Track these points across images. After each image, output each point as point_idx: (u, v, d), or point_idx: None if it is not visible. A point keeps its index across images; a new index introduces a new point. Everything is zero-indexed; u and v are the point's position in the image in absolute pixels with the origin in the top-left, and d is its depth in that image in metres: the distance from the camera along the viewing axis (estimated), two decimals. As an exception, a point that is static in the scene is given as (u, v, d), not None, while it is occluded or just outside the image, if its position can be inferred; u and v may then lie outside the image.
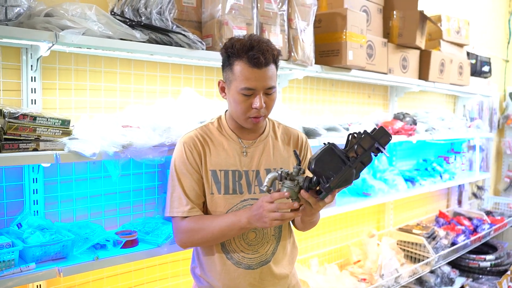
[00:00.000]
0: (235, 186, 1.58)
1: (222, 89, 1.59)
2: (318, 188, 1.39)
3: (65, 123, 1.61)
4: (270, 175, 1.42)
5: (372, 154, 1.37)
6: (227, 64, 1.53)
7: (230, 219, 1.50)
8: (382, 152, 1.36)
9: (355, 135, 1.37)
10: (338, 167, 1.33)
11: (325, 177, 1.33)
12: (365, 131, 1.37)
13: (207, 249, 1.62)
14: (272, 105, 1.57)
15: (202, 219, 1.55)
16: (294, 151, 1.46)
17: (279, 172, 1.41)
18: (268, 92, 1.51)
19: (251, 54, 1.45)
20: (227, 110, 1.66)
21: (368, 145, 1.35)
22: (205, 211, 1.61)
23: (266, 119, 1.70)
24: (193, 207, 1.56)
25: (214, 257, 1.61)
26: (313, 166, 1.33)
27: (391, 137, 1.39)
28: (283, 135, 1.70)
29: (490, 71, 4.56)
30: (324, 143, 1.36)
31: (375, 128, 1.39)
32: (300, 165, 1.42)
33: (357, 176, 1.37)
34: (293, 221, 1.73)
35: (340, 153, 1.35)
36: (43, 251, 1.60)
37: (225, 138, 1.61)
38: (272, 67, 1.51)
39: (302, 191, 1.37)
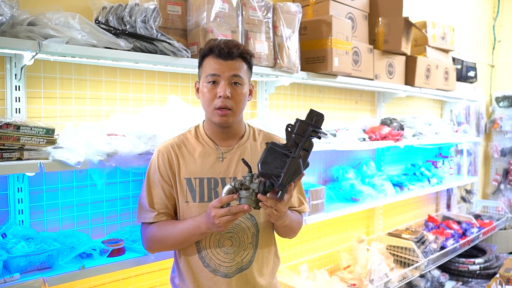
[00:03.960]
0: (211, 194, 1.58)
1: (197, 90, 1.62)
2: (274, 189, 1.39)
3: (50, 132, 1.60)
4: (225, 189, 1.41)
5: (313, 138, 1.37)
6: (200, 63, 1.59)
7: (190, 225, 1.51)
8: (319, 132, 1.36)
9: (289, 127, 1.38)
10: (283, 162, 1.33)
11: (274, 176, 1.33)
12: (297, 119, 1.37)
13: (185, 257, 1.62)
14: (241, 100, 1.56)
15: (166, 225, 1.57)
16: (243, 159, 1.44)
17: (233, 184, 1.40)
18: (235, 80, 1.53)
19: (216, 46, 1.52)
20: (204, 121, 1.67)
21: (304, 131, 1.35)
22: (180, 218, 1.60)
23: (247, 126, 1.70)
24: (158, 214, 1.58)
25: (192, 265, 1.61)
26: (260, 170, 1.33)
27: (323, 116, 1.39)
28: (264, 140, 1.70)
29: (476, 76, 4.62)
30: (266, 143, 1.37)
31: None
32: (251, 172, 1.41)
33: (306, 164, 1.37)
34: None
35: (282, 148, 1.35)
36: (28, 261, 1.59)
37: (201, 146, 1.62)
38: (239, 62, 1.54)
39: (259, 196, 1.36)
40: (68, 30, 1.63)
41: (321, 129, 1.37)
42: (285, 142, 1.41)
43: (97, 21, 1.83)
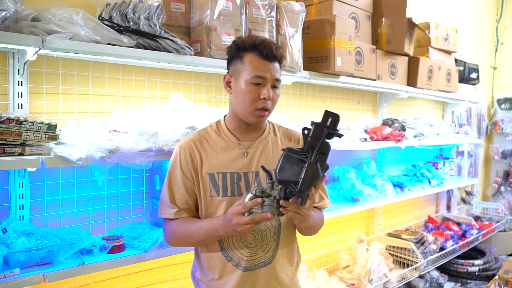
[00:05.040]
0: (234, 188, 1.57)
1: (228, 84, 1.60)
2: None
3: (52, 127, 1.60)
4: (247, 198, 1.39)
5: (329, 140, 1.35)
6: (236, 56, 1.56)
7: (208, 226, 1.50)
8: (335, 134, 1.34)
9: (305, 131, 1.35)
10: (300, 168, 1.31)
11: (292, 183, 1.31)
12: (312, 122, 1.35)
13: (207, 251, 1.62)
14: (276, 101, 1.59)
15: (185, 222, 1.56)
16: (262, 166, 1.44)
17: (254, 193, 1.39)
18: (275, 84, 1.55)
19: (261, 46, 1.51)
20: (225, 115, 1.67)
21: (320, 134, 1.33)
22: (203, 214, 1.59)
23: (266, 121, 1.70)
24: (179, 210, 1.58)
25: (214, 259, 1.60)
26: (277, 177, 1.32)
27: (339, 116, 1.36)
28: (283, 136, 1.70)
29: (478, 78, 4.61)
30: (283, 149, 1.35)
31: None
32: (271, 179, 1.40)
33: (325, 167, 1.36)
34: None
35: (298, 154, 1.33)
36: (28, 257, 1.59)
37: (223, 141, 1.61)
38: (278, 64, 1.56)
39: (282, 202, 1.36)
40: (71, 26, 1.63)
41: (337, 130, 1.34)
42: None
43: (100, 18, 1.83)
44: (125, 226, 2.09)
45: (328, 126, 1.33)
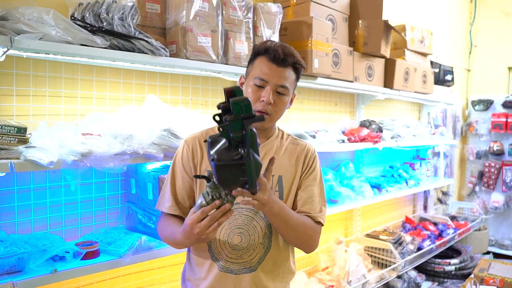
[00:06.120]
0: None
1: (241, 85, 1.61)
2: None
3: (21, 130, 1.55)
4: (197, 206, 1.33)
5: (250, 126, 1.24)
6: (251, 59, 1.58)
7: (179, 235, 1.42)
8: (256, 119, 1.21)
9: (221, 129, 1.23)
10: (240, 170, 1.21)
11: (240, 185, 1.26)
12: (225, 119, 1.22)
13: (196, 249, 1.61)
14: (282, 108, 1.56)
15: (168, 223, 1.54)
16: (195, 175, 1.44)
17: (202, 201, 1.31)
18: (280, 91, 1.53)
19: (272, 49, 1.51)
20: None
21: (241, 127, 1.21)
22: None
23: (277, 128, 1.68)
24: (172, 206, 1.56)
25: (201, 258, 1.59)
26: (224, 188, 1.27)
27: (247, 99, 1.21)
28: (289, 145, 1.66)
29: (453, 79, 4.69)
30: (211, 161, 1.22)
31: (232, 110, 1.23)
32: (210, 180, 1.31)
33: (259, 153, 1.27)
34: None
35: (229, 157, 1.20)
36: (-4, 265, 1.54)
37: None
38: (289, 71, 1.54)
39: (234, 192, 1.28)
40: (41, 26, 1.58)
41: (254, 114, 1.21)
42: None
43: (72, 18, 1.78)
44: (100, 231, 2.04)
45: (244, 115, 1.20)
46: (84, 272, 1.72)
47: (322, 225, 1.62)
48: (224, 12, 2.16)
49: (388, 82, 3.47)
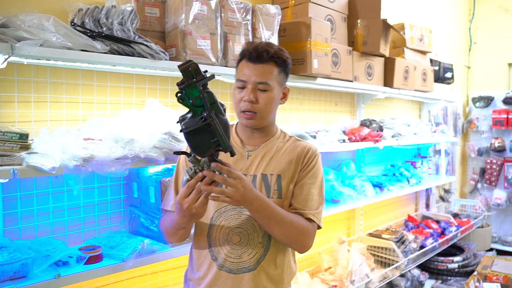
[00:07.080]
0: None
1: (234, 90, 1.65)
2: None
3: (23, 137, 1.56)
4: (183, 181, 1.38)
5: (205, 89, 1.26)
6: (236, 65, 1.62)
7: (175, 216, 1.47)
8: (207, 79, 1.24)
9: (180, 100, 1.26)
10: (209, 132, 1.27)
11: (215, 148, 1.29)
12: (180, 87, 1.25)
13: (196, 248, 1.63)
14: (268, 104, 1.56)
15: (171, 215, 1.54)
16: (174, 151, 1.42)
17: (187, 176, 1.36)
18: (260, 87, 1.54)
19: (247, 50, 1.56)
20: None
21: (196, 92, 1.24)
22: None
23: (279, 130, 1.70)
24: (175, 203, 1.56)
25: (201, 257, 1.60)
26: (201, 155, 1.31)
27: (193, 62, 1.23)
28: (290, 146, 1.66)
29: (452, 77, 4.69)
30: (180, 131, 1.29)
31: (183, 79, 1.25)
32: (190, 155, 1.35)
33: (224, 109, 1.31)
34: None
35: (194, 122, 1.26)
36: (0, 271, 1.54)
37: None
38: (269, 66, 1.54)
39: (213, 165, 1.32)
40: (42, 32, 1.59)
41: (204, 75, 1.24)
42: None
43: (72, 24, 1.79)
44: (102, 235, 2.05)
45: (195, 79, 1.23)
46: (88, 276, 1.73)
47: (316, 223, 1.61)
48: (223, 14, 2.17)
49: (388, 81, 3.47)
